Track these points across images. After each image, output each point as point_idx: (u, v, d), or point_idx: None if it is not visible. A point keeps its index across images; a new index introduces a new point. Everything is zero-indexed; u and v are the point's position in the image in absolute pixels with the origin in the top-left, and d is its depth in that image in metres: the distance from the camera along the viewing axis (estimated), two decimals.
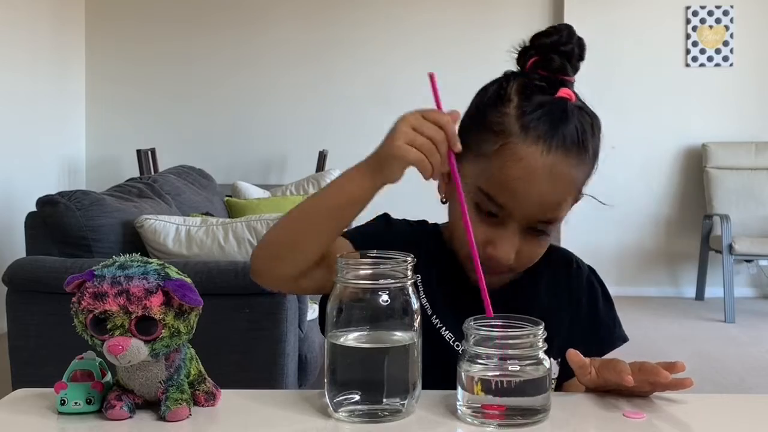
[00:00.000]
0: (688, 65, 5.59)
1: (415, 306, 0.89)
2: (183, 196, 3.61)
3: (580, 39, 1.06)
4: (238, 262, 2.54)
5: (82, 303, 0.87)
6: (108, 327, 0.86)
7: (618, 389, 0.96)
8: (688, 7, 5.58)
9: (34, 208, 2.65)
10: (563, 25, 1.06)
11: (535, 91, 1.04)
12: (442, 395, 0.93)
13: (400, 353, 0.88)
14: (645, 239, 5.61)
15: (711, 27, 5.56)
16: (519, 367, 0.85)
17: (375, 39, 5.66)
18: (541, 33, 1.06)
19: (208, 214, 3.47)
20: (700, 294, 5.47)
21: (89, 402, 0.89)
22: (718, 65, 5.57)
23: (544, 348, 0.87)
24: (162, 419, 0.88)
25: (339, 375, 0.88)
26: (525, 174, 1.01)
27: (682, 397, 0.93)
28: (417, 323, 0.89)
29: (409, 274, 0.89)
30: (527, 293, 1.15)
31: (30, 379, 2.02)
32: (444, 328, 1.11)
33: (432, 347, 0.95)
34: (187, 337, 0.90)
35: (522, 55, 1.08)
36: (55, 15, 5.32)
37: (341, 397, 0.88)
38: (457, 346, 1.08)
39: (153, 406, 0.90)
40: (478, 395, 0.86)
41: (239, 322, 2.43)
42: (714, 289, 5.32)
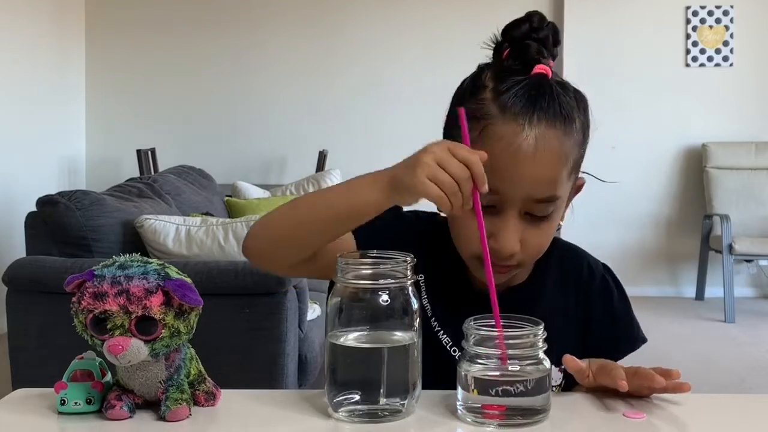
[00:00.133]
0: (688, 65, 5.59)
1: (415, 306, 0.89)
2: (183, 196, 3.61)
3: (552, 24, 1.04)
4: (238, 262, 2.53)
5: (82, 303, 0.87)
6: (108, 327, 0.86)
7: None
8: (688, 7, 5.58)
9: (34, 208, 2.65)
10: (533, 12, 1.05)
11: (510, 73, 1.02)
12: (442, 395, 0.93)
13: (400, 353, 0.88)
14: (645, 239, 5.61)
15: (711, 27, 5.56)
16: (519, 367, 0.85)
17: (375, 40, 5.66)
18: (512, 24, 1.05)
19: (208, 214, 3.47)
20: (700, 294, 5.46)
21: (89, 402, 0.89)
22: (718, 65, 5.57)
23: (544, 348, 0.87)
24: (162, 419, 0.88)
25: (339, 375, 0.88)
26: (509, 152, 0.97)
27: (682, 397, 0.93)
28: (417, 323, 0.89)
29: (409, 274, 0.89)
30: (533, 297, 1.12)
31: (30, 379, 2.01)
32: (442, 332, 1.10)
33: (428, 349, 0.94)
34: (187, 337, 0.90)
35: (497, 49, 1.07)
36: (56, 15, 5.32)
37: (341, 397, 0.88)
38: (454, 351, 1.07)
39: (153, 406, 0.90)
40: (473, 395, 0.86)
41: (239, 322, 2.43)
42: (714, 289, 5.32)
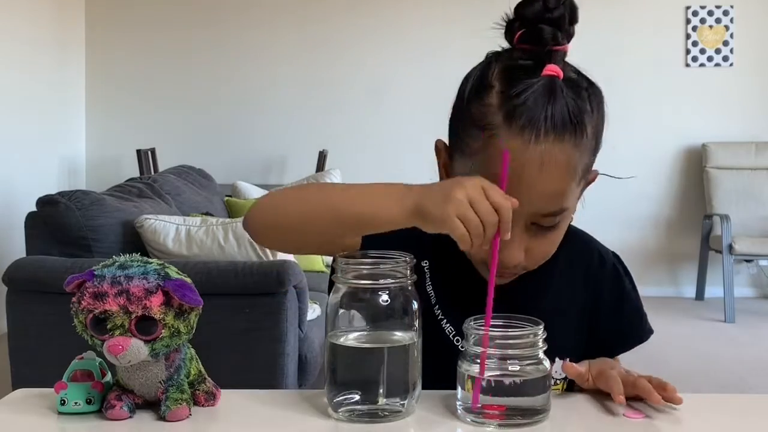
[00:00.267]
0: (688, 65, 5.59)
1: (415, 306, 0.89)
2: (183, 196, 3.61)
3: (569, 1, 0.96)
4: (238, 262, 2.54)
5: (82, 303, 0.87)
6: (108, 327, 0.86)
7: None
8: (688, 7, 5.58)
9: (34, 208, 2.65)
10: None
11: (519, 73, 0.94)
12: (442, 395, 0.93)
13: (399, 353, 0.88)
14: (645, 239, 5.61)
15: (711, 27, 5.56)
16: (519, 367, 0.85)
17: (375, 39, 5.66)
18: (525, 1, 0.96)
19: (208, 214, 3.47)
20: (700, 294, 5.46)
21: (89, 402, 0.89)
22: (718, 65, 5.57)
23: (544, 348, 0.87)
24: (162, 419, 0.88)
25: (339, 375, 0.88)
26: (515, 168, 0.91)
27: (682, 397, 0.93)
28: (417, 323, 0.89)
29: (409, 273, 0.89)
30: (538, 289, 1.08)
31: (30, 379, 2.01)
32: (445, 320, 1.07)
33: (430, 339, 0.93)
34: (187, 337, 0.90)
35: (508, 29, 0.99)
36: (56, 15, 5.32)
37: (341, 397, 0.88)
38: (457, 341, 1.05)
39: (153, 406, 0.90)
40: (468, 393, 0.86)
41: (239, 322, 2.43)
42: (714, 289, 5.32)
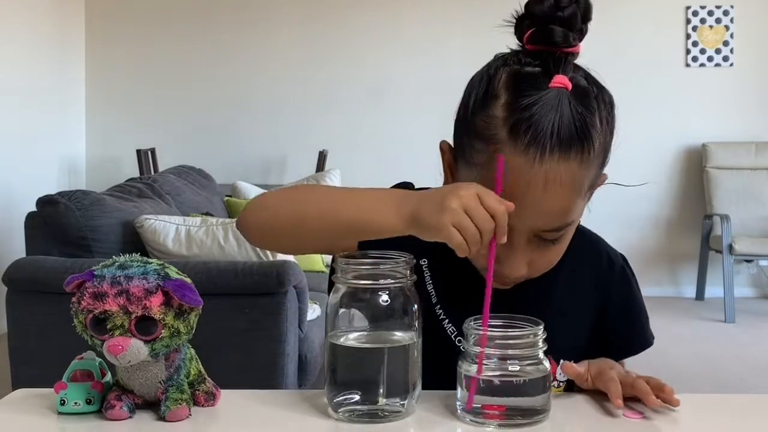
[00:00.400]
0: (688, 65, 5.59)
1: (415, 306, 0.89)
2: (183, 196, 3.62)
3: None
4: (238, 262, 2.54)
5: (82, 303, 0.87)
6: (108, 327, 0.86)
7: None
8: (688, 7, 5.58)
9: (34, 208, 2.65)
10: None
11: (526, 84, 0.91)
12: (442, 395, 0.93)
13: (400, 353, 0.88)
14: (645, 239, 5.60)
15: (711, 27, 5.56)
16: (519, 367, 0.85)
17: (375, 39, 5.66)
18: None
19: (208, 214, 3.47)
20: (700, 294, 5.46)
21: (89, 402, 0.89)
22: (718, 65, 5.57)
23: (544, 348, 0.87)
24: (162, 419, 0.88)
25: (339, 375, 0.88)
26: (518, 186, 0.90)
27: (681, 398, 0.93)
28: (417, 323, 0.89)
29: (409, 273, 0.88)
30: (544, 291, 1.05)
31: (30, 379, 2.02)
32: (447, 321, 1.06)
33: (432, 339, 0.92)
34: (187, 337, 0.90)
35: (518, 26, 0.96)
36: (56, 15, 5.32)
37: (341, 398, 0.88)
38: (459, 341, 1.03)
39: (153, 406, 0.90)
40: (466, 392, 0.86)
41: (239, 322, 2.43)
42: (714, 289, 5.32)
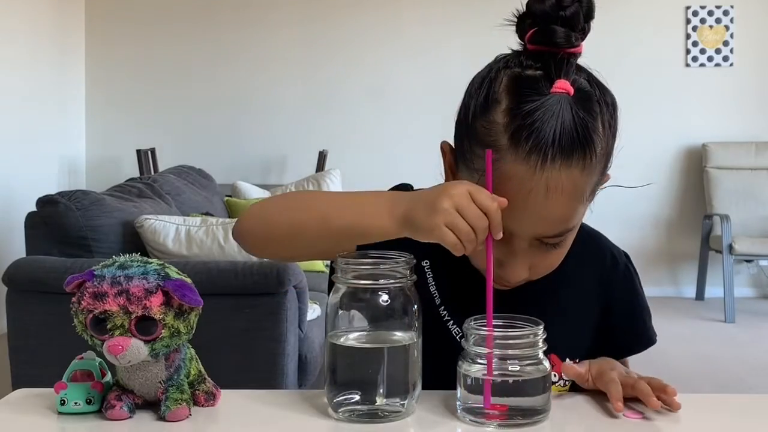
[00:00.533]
0: (688, 65, 5.59)
1: (415, 306, 0.89)
2: (183, 196, 3.62)
3: None
4: (237, 262, 2.54)
5: (82, 303, 0.87)
6: (108, 327, 0.86)
7: None
8: (688, 7, 5.58)
9: (34, 208, 2.65)
10: None
11: (527, 88, 0.91)
12: (442, 395, 0.93)
13: (399, 353, 0.88)
14: (645, 239, 5.60)
15: (711, 27, 5.56)
16: (519, 367, 0.85)
17: (374, 39, 5.66)
18: None
19: (208, 214, 3.47)
20: (700, 294, 5.46)
21: (89, 402, 0.89)
22: (718, 65, 5.57)
23: (544, 348, 0.87)
24: (162, 419, 0.88)
25: (339, 375, 0.88)
26: (520, 194, 0.89)
27: (682, 398, 0.93)
28: (417, 323, 0.89)
29: (409, 273, 0.88)
30: (547, 291, 1.04)
31: (30, 379, 2.02)
32: (452, 321, 1.05)
33: (437, 341, 0.92)
34: (187, 337, 0.90)
35: (519, 25, 0.95)
36: (55, 15, 5.32)
37: (341, 397, 0.88)
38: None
39: (153, 406, 0.90)
40: (473, 395, 0.86)
41: (239, 322, 2.43)
42: (714, 289, 5.32)
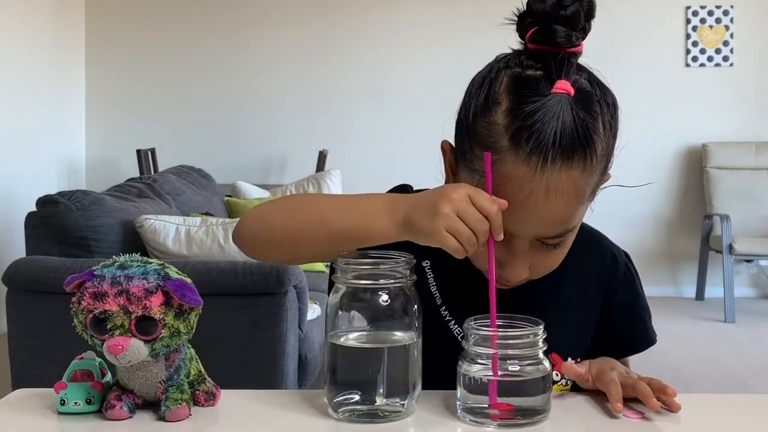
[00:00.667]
0: (688, 65, 5.59)
1: (415, 306, 0.89)
2: (183, 196, 3.62)
3: None
4: (237, 262, 2.53)
5: (82, 303, 0.87)
6: (108, 327, 0.86)
7: None
8: (688, 7, 5.58)
9: (34, 208, 2.65)
10: None
11: (527, 88, 0.91)
12: (442, 395, 0.93)
13: (399, 353, 0.88)
14: (645, 239, 5.60)
15: (711, 27, 5.56)
16: (519, 367, 0.85)
17: (374, 39, 5.66)
18: None
19: (208, 214, 3.47)
20: (700, 294, 5.46)
21: (89, 402, 0.89)
22: (718, 65, 5.57)
23: (544, 348, 0.87)
24: (162, 419, 0.88)
25: (339, 375, 0.88)
26: (520, 196, 0.89)
27: (682, 398, 0.93)
28: (417, 323, 0.89)
29: (409, 273, 0.89)
30: (547, 291, 1.05)
31: (30, 379, 2.02)
32: (453, 321, 1.05)
33: (438, 341, 0.92)
34: (187, 337, 0.90)
35: (520, 24, 0.95)
36: (55, 15, 5.32)
37: (341, 397, 0.88)
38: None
39: (153, 406, 0.90)
40: (473, 395, 0.86)
41: (239, 322, 2.43)
42: (714, 289, 5.32)
